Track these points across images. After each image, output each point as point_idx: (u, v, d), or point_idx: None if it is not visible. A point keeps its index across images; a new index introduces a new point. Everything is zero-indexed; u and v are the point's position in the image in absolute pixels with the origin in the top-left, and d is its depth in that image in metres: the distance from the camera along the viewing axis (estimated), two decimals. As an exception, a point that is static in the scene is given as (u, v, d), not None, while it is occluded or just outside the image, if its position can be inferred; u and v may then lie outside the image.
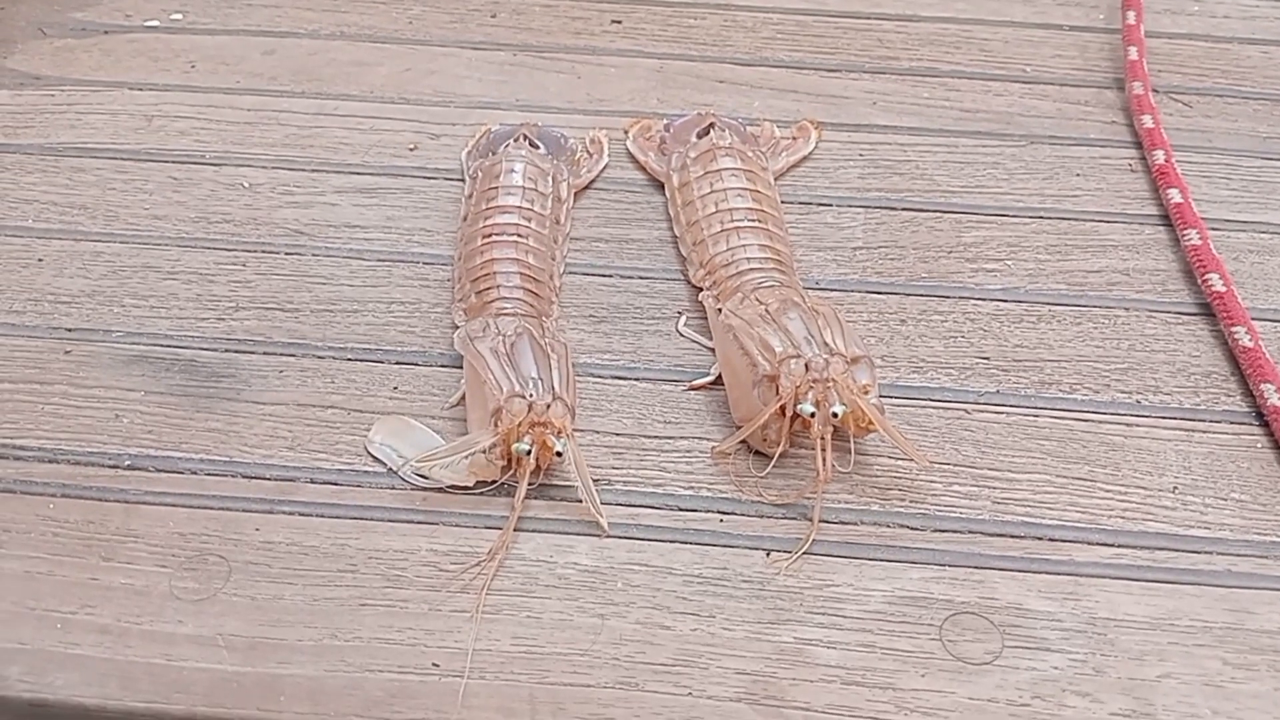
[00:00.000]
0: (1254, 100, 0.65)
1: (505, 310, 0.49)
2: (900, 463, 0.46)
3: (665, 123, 0.61)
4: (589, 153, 0.60)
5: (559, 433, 0.44)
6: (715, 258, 0.52)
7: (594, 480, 0.44)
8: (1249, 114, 0.64)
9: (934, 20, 0.70)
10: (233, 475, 0.46)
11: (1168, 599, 0.43)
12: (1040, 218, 0.58)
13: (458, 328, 0.50)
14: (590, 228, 0.57)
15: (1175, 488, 0.46)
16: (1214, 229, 0.56)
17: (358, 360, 0.50)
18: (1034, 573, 0.43)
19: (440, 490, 0.45)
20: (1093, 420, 0.48)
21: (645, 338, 0.52)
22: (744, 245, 0.52)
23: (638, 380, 0.50)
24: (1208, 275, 0.53)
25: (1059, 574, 0.43)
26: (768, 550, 0.44)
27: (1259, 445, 0.48)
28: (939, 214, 0.58)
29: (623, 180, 0.60)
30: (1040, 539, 0.44)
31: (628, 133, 0.62)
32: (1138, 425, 0.48)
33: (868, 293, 0.54)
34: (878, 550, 0.44)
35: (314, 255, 0.55)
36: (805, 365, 0.44)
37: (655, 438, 0.48)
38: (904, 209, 0.58)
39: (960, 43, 0.69)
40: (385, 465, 0.46)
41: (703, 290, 0.52)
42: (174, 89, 0.64)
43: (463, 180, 0.58)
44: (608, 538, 0.44)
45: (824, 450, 0.44)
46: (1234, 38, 0.69)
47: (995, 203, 0.58)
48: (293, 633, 0.41)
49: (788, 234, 0.55)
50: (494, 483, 0.45)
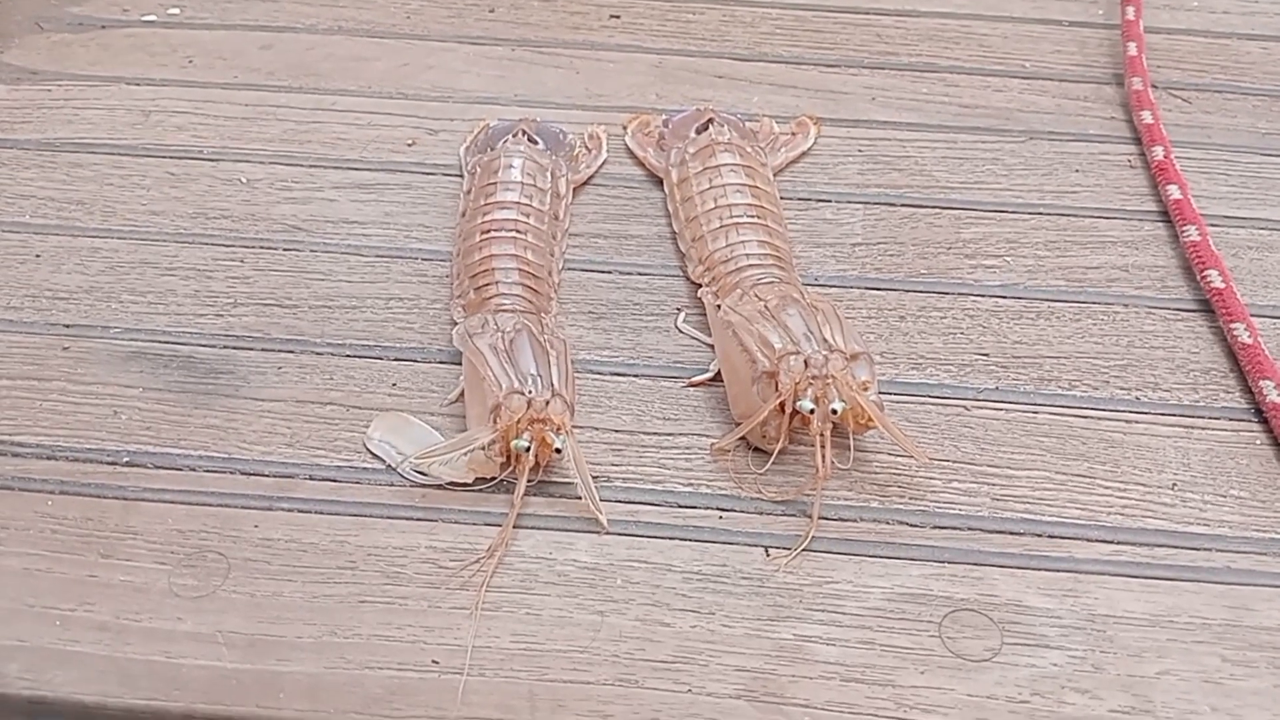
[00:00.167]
0: (1253, 96, 0.65)
1: (504, 306, 0.49)
2: (899, 459, 0.46)
3: (664, 118, 0.61)
4: (588, 148, 0.60)
5: (558, 429, 0.44)
6: (714, 254, 0.52)
7: (593, 477, 0.44)
8: (1248, 110, 0.64)
9: (933, 15, 0.70)
10: (231, 472, 0.46)
11: (1167, 596, 0.43)
12: (1039, 214, 0.58)
13: (456, 324, 0.49)
14: (589, 223, 0.57)
15: (1174, 484, 0.46)
16: (1213, 225, 0.56)
17: (356, 357, 0.50)
18: (1033, 569, 0.43)
19: (439, 487, 0.45)
20: (1092, 417, 0.48)
21: (644, 334, 0.52)
22: (743, 241, 0.52)
23: (637, 377, 0.50)
24: (1207, 272, 0.53)
25: (1058, 571, 0.43)
26: (767, 547, 0.44)
27: (1258, 442, 0.48)
28: (938, 210, 0.58)
29: (621, 176, 0.60)
30: (1039, 536, 0.44)
31: (626, 128, 0.62)
32: (1137, 422, 0.48)
33: (867, 289, 0.54)
34: (877, 547, 0.44)
35: (312, 251, 0.55)
36: (804, 362, 0.44)
37: (654, 434, 0.48)
38: (903, 205, 0.58)
39: (959, 38, 0.69)
40: (384, 462, 0.46)
41: (702, 286, 0.52)
42: (171, 84, 0.64)
43: (461, 176, 0.58)
44: (607, 534, 0.44)
45: (823, 447, 0.44)
46: (1233, 33, 0.69)
47: (994, 199, 0.58)
48: (292, 630, 0.41)
49: (787, 230, 0.54)
50: (493, 479, 0.45)
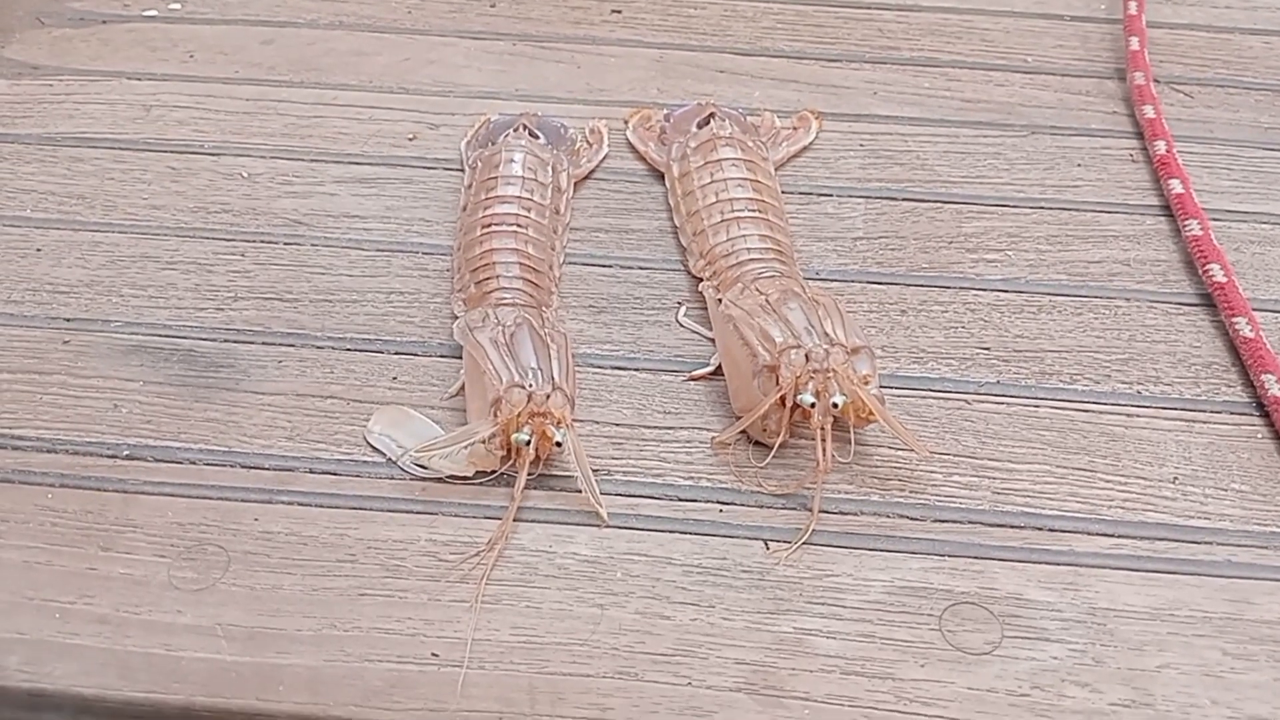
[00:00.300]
0: (1255, 91, 0.65)
1: (505, 300, 0.49)
2: (900, 453, 0.46)
3: (665, 113, 0.61)
4: (589, 143, 0.60)
5: (558, 423, 0.44)
6: (715, 248, 0.52)
7: (593, 470, 0.44)
8: (1250, 104, 0.64)
9: (935, 10, 0.70)
10: (231, 465, 0.46)
11: (1168, 589, 0.43)
12: (1041, 208, 0.58)
13: (457, 318, 0.49)
14: (590, 218, 0.57)
15: (1175, 478, 0.46)
16: (1215, 219, 0.56)
17: (357, 350, 0.50)
18: (1034, 563, 0.43)
19: (439, 480, 0.45)
20: (1093, 411, 0.48)
21: (645, 328, 0.52)
22: (744, 235, 0.52)
23: (637, 371, 0.50)
24: (1209, 266, 0.53)
25: (1059, 564, 0.43)
26: (767, 540, 0.44)
27: (1259, 436, 0.48)
28: (940, 204, 0.58)
29: (623, 170, 0.60)
30: (1040, 529, 0.44)
31: (628, 123, 0.61)
32: (1138, 416, 0.48)
33: (868, 283, 0.54)
34: (877, 540, 0.44)
35: (313, 245, 0.55)
36: (805, 356, 0.44)
37: (655, 428, 0.48)
38: (904, 199, 0.58)
39: (961, 33, 0.69)
40: (384, 455, 0.46)
41: (703, 280, 0.52)
42: (172, 79, 0.64)
43: (462, 170, 0.58)
44: (607, 528, 0.44)
45: (824, 441, 0.44)
46: (1235, 28, 0.69)
47: (996, 193, 0.58)
48: (292, 623, 0.41)
49: (788, 224, 0.54)
50: (493, 473, 0.45)
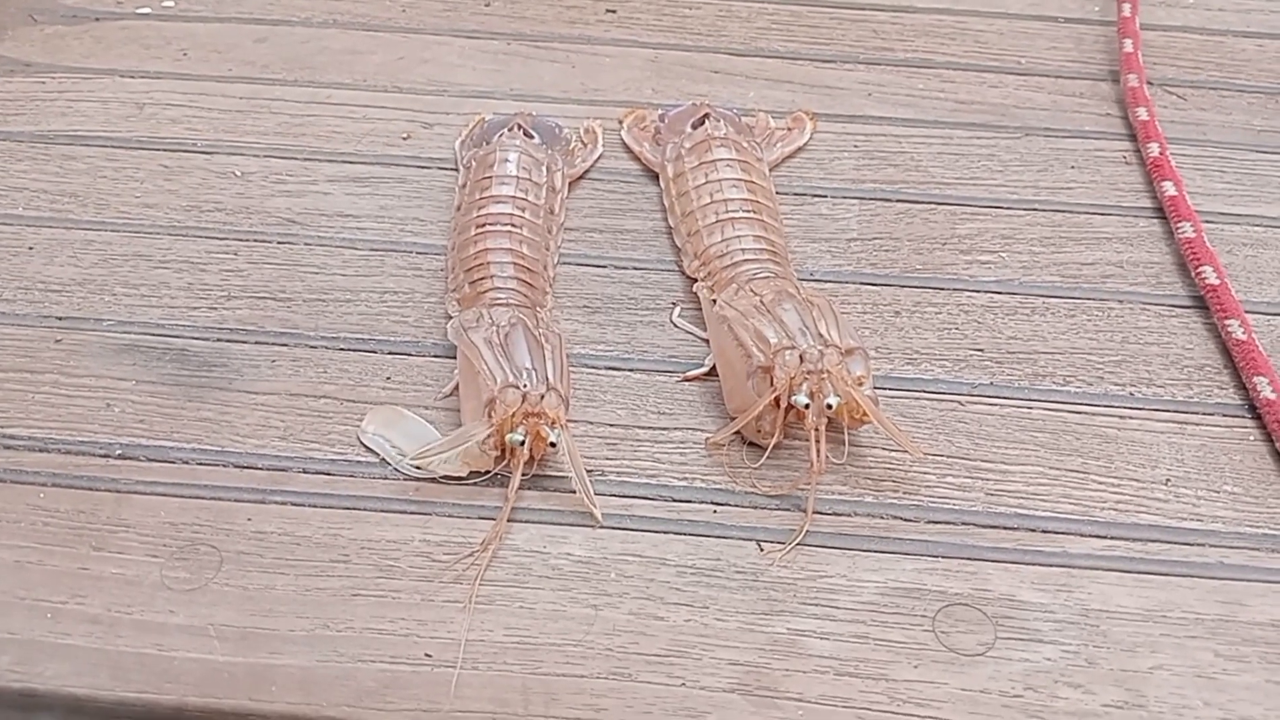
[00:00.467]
0: (1248, 93, 0.65)
1: (499, 300, 0.49)
2: (894, 454, 0.46)
3: (660, 113, 0.61)
4: (583, 143, 0.60)
5: (553, 423, 0.44)
6: (710, 249, 0.52)
7: (587, 471, 0.44)
8: (1243, 107, 0.64)
9: (929, 11, 0.70)
10: (224, 465, 0.46)
11: (1160, 591, 0.43)
12: (1034, 210, 0.58)
13: (451, 318, 0.49)
14: (585, 218, 0.57)
15: (1168, 480, 0.46)
16: (1208, 222, 0.56)
17: (350, 350, 0.50)
18: (1027, 564, 0.43)
19: (433, 480, 0.45)
20: (1086, 412, 0.48)
21: (639, 329, 0.52)
22: (739, 236, 0.52)
23: (632, 371, 0.50)
24: (1201, 268, 0.53)
25: (1052, 565, 0.43)
26: (761, 541, 0.44)
27: (1251, 438, 0.48)
28: (933, 206, 0.58)
29: (617, 170, 0.60)
30: (1033, 530, 0.44)
31: (622, 123, 0.61)
32: (1131, 418, 0.48)
33: (862, 284, 0.54)
34: (871, 541, 0.44)
35: (306, 244, 0.55)
36: (800, 357, 0.44)
37: (649, 429, 0.47)
38: (898, 200, 0.58)
39: (955, 34, 0.69)
40: (378, 456, 0.46)
41: (697, 281, 0.52)
42: (165, 76, 0.64)
43: (456, 170, 0.58)
44: (601, 528, 0.44)
45: (818, 442, 0.44)
46: (1229, 31, 0.69)
47: (989, 195, 0.58)
48: (284, 623, 0.41)
49: (782, 225, 0.54)
50: (488, 473, 0.44)
